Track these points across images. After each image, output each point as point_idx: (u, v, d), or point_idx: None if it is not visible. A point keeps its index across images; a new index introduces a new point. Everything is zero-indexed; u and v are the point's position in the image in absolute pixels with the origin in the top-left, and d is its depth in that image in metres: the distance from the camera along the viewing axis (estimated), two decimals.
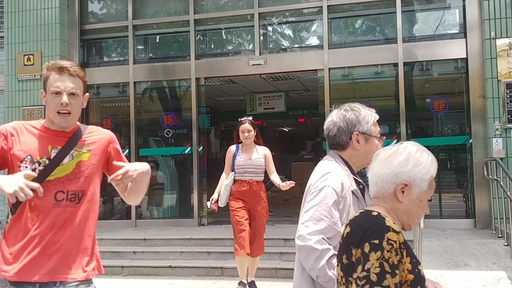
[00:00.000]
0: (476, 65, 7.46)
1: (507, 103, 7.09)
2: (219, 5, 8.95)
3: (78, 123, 2.28)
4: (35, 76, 8.69)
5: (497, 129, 7.10)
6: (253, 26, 8.55)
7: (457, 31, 7.97)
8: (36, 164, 2.10)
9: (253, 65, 8.39)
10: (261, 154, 5.49)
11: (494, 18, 7.21)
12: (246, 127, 5.42)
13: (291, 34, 9.07)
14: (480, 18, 7.43)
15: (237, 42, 9.45)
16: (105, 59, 9.84)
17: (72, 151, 2.18)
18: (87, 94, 2.26)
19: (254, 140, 5.53)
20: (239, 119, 5.55)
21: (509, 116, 7.08)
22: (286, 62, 8.45)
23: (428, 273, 5.51)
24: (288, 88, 11.88)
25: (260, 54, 8.45)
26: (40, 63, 8.65)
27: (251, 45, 8.79)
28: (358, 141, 2.14)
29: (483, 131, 7.36)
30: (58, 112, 2.14)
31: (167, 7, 9.15)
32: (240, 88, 11.60)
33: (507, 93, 7.10)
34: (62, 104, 2.12)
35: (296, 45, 8.93)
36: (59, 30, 8.73)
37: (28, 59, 8.73)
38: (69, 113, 2.14)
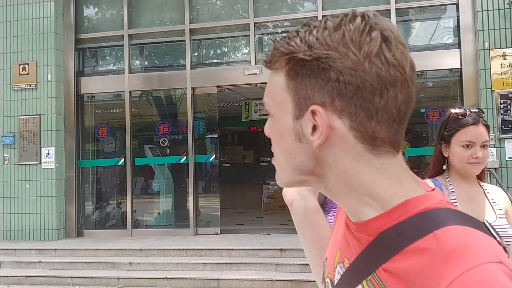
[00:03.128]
0: (470, 75, 7.52)
1: (501, 114, 7.15)
2: (214, 14, 8.97)
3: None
4: (30, 85, 8.68)
5: (491, 139, 7.16)
6: (249, 35, 8.59)
7: (451, 42, 8.04)
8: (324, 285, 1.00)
9: (248, 74, 8.43)
10: (500, 206, 2.27)
11: (488, 29, 7.27)
12: (481, 134, 2.21)
13: None
14: (474, 29, 7.49)
15: (232, 52, 9.49)
16: (101, 68, 9.85)
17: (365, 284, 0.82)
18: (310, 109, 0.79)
19: None
20: (454, 112, 2.26)
21: (502, 126, 7.15)
22: None
23: None
24: None
25: (255, 64, 8.48)
26: (35, 73, 8.65)
27: (247, 55, 8.83)
28: None
29: None
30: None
31: (163, 16, 9.16)
32: (236, 95, 11.65)
33: (500, 104, 7.17)
34: None
35: None
36: (54, 40, 8.72)
37: (23, 69, 8.71)
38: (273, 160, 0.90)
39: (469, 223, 0.77)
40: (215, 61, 9.45)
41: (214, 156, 9.05)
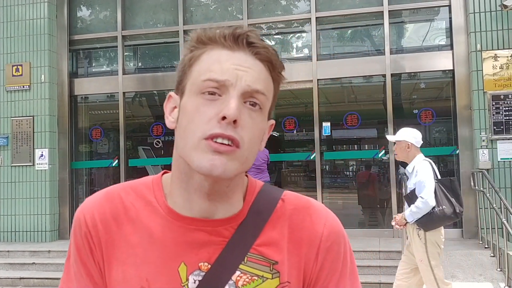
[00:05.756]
0: (463, 77, 7.57)
1: (493, 115, 7.20)
2: (208, 16, 8.99)
3: (249, 185, 0.99)
4: (23, 86, 8.65)
5: (483, 141, 7.21)
6: None
7: (444, 43, 8.09)
8: None
9: None
10: None
11: (480, 31, 7.32)
12: None
13: (280, 46, 9.14)
14: (466, 30, 7.54)
15: None
16: (94, 69, 9.82)
17: (237, 274, 0.89)
18: (271, 121, 0.97)
19: None
20: None
21: (494, 127, 7.19)
22: None
23: None
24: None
25: None
26: (28, 74, 8.63)
27: None
28: None
29: (470, 142, 7.46)
30: (208, 140, 0.82)
31: (157, 17, 9.17)
32: None
33: (492, 105, 7.22)
34: (223, 119, 0.82)
35: (285, 57, 8.99)
36: (48, 41, 8.70)
37: (17, 70, 8.68)
38: (236, 148, 0.83)
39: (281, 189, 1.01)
40: None
41: None
